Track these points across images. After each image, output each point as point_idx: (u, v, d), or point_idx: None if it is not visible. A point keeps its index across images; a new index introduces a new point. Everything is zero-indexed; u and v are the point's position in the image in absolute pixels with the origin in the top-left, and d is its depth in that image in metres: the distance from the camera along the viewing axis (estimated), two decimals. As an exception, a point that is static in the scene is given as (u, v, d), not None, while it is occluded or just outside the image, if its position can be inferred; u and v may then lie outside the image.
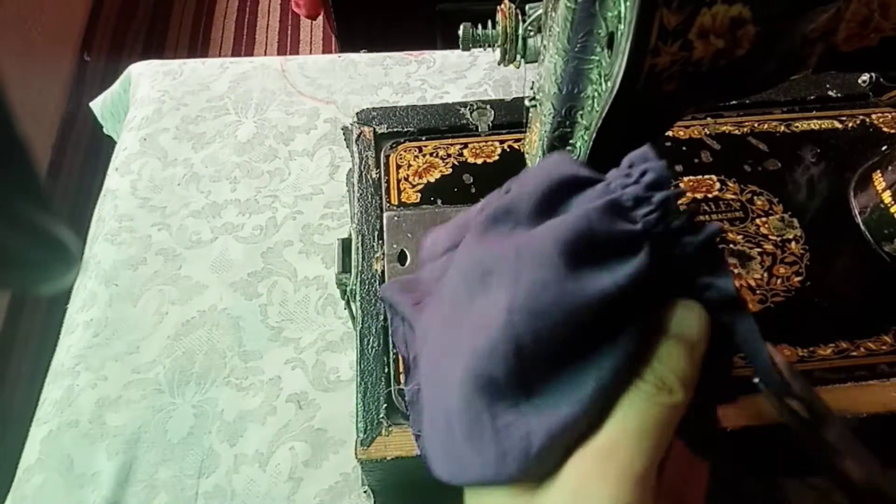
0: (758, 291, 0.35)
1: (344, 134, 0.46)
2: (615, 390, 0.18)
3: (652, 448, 0.17)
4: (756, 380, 0.20)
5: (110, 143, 0.59)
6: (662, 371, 0.18)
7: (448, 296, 0.21)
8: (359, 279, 0.36)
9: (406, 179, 0.40)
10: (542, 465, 0.17)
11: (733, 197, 0.39)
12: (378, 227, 0.38)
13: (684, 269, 0.19)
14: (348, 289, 0.38)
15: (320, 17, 1.24)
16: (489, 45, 0.30)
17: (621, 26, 0.20)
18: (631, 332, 0.18)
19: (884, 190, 0.36)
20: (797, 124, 0.42)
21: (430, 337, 0.21)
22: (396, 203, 0.39)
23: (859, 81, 0.42)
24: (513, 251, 0.18)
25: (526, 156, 0.33)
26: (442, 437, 0.19)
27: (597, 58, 0.22)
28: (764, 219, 0.38)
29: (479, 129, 0.43)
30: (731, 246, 0.37)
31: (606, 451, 0.17)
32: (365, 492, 0.37)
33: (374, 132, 0.42)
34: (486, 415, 0.17)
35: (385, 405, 0.32)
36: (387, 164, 0.41)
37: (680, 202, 0.36)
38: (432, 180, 0.40)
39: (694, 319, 0.19)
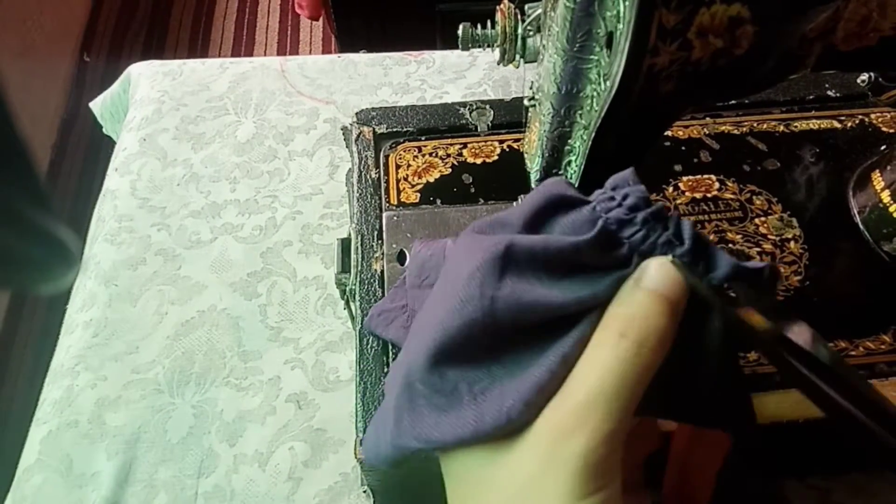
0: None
1: (343, 134, 0.46)
2: (580, 353, 0.18)
3: (624, 407, 0.17)
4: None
5: (110, 144, 0.59)
6: (644, 329, 0.17)
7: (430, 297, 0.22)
8: (358, 279, 0.36)
9: (405, 179, 0.40)
10: (517, 422, 0.18)
11: (732, 196, 0.39)
12: (377, 227, 0.38)
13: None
14: (348, 289, 0.38)
15: (320, 18, 1.24)
16: (488, 45, 0.30)
17: (620, 26, 0.20)
18: (597, 311, 0.19)
19: (883, 189, 0.36)
20: (796, 124, 0.42)
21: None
22: (396, 203, 0.39)
23: (858, 81, 0.42)
24: (502, 245, 0.19)
25: (525, 155, 0.33)
26: (410, 412, 0.19)
27: (596, 57, 0.22)
28: (763, 218, 0.38)
29: (479, 129, 0.43)
30: (731, 245, 0.37)
31: (580, 408, 0.17)
32: (364, 492, 0.37)
33: (374, 132, 0.42)
34: (462, 383, 0.18)
35: (384, 405, 0.32)
36: (386, 164, 0.41)
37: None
38: (432, 180, 0.40)
39: (673, 276, 0.18)
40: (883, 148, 0.40)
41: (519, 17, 0.28)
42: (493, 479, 0.18)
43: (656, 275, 0.18)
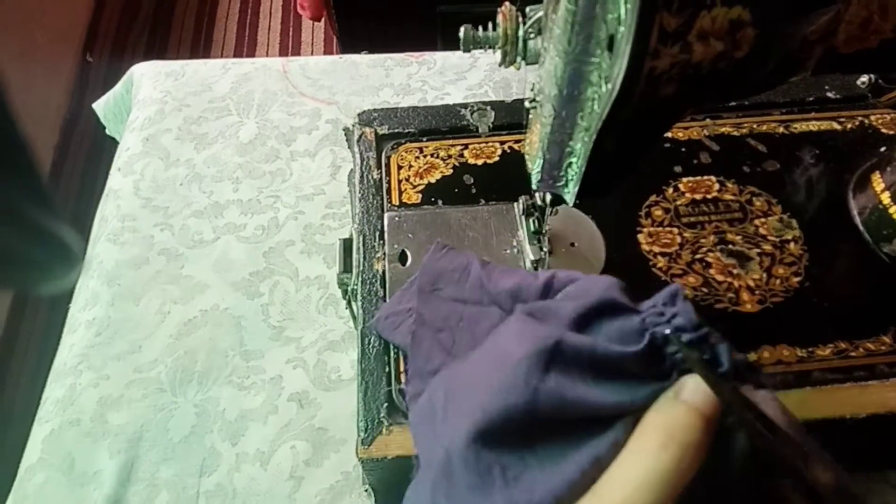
0: (757, 292, 0.35)
1: (345, 135, 0.46)
2: (614, 454, 0.19)
3: None
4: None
5: (113, 144, 0.59)
6: (682, 443, 0.18)
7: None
8: (360, 279, 0.36)
9: (407, 180, 0.41)
10: None
11: (732, 198, 0.39)
12: (379, 227, 0.38)
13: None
14: (349, 288, 0.38)
15: (322, 19, 1.24)
16: (490, 47, 0.30)
17: (621, 28, 0.20)
18: (634, 418, 0.19)
19: (882, 191, 0.36)
20: (796, 125, 0.42)
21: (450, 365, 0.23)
22: (397, 203, 0.39)
23: (858, 83, 0.42)
24: (552, 340, 0.19)
25: (526, 157, 0.33)
26: (448, 486, 0.20)
27: (597, 60, 0.22)
28: (763, 219, 0.38)
29: (480, 131, 0.43)
30: (731, 247, 0.37)
31: None
32: (366, 490, 0.37)
33: (376, 133, 0.43)
34: (496, 466, 0.19)
35: (386, 404, 0.32)
36: (388, 165, 0.41)
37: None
38: (433, 181, 0.40)
39: (710, 393, 0.19)
40: (883, 149, 0.40)
41: (520, 19, 0.28)
42: None
43: (696, 390, 0.19)
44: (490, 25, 0.30)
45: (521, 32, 0.28)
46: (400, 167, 0.41)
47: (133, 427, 0.41)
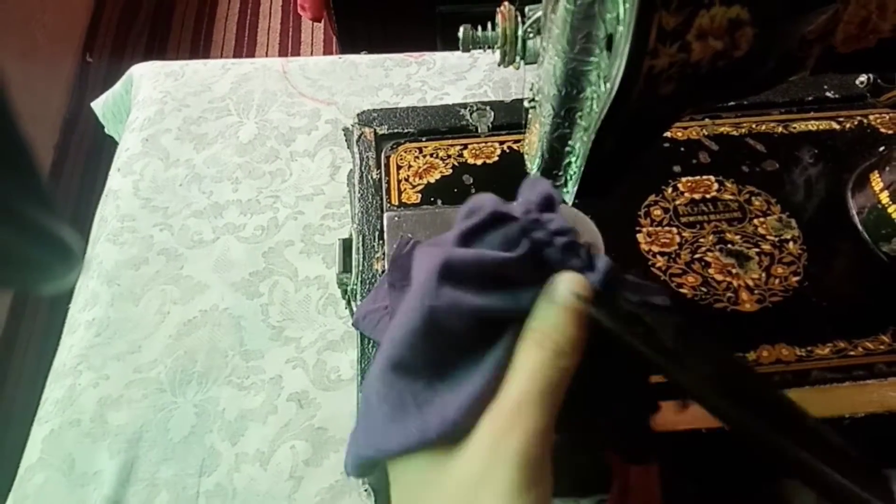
0: (756, 291, 0.35)
1: (345, 135, 0.46)
2: (508, 364, 0.21)
3: (550, 406, 0.19)
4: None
5: (112, 144, 0.59)
6: (558, 338, 0.20)
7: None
8: (360, 279, 0.36)
9: (406, 180, 0.41)
10: (458, 430, 0.20)
11: (731, 197, 0.39)
12: (379, 227, 0.38)
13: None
14: (349, 288, 0.38)
15: (322, 19, 1.24)
16: (489, 47, 0.30)
17: (620, 28, 0.20)
18: (519, 323, 0.21)
19: (881, 190, 0.36)
20: (795, 125, 0.42)
21: None
22: (397, 203, 0.39)
23: (857, 82, 0.42)
24: (440, 259, 0.21)
25: (525, 156, 0.33)
26: (366, 420, 0.21)
27: (596, 59, 0.22)
28: (762, 219, 0.38)
29: (479, 131, 0.43)
30: (730, 246, 0.37)
31: (514, 410, 0.19)
32: (365, 490, 0.37)
33: (375, 133, 0.43)
34: (407, 394, 0.20)
35: (385, 404, 0.32)
36: (387, 165, 0.41)
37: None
38: (432, 181, 0.40)
39: (579, 289, 0.21)
40: (881, 149, 0.40)
41: (519, 19, 0.29)
42: (437, 482, 0.20)
43: (564, 291, 0.21)
44: (489, 25, 0.30)
45: (520, 32, 0.28)
46: (399, 167, 0.41)
47: (133, 427, 0.41)
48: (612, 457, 0.26)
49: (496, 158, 0.41)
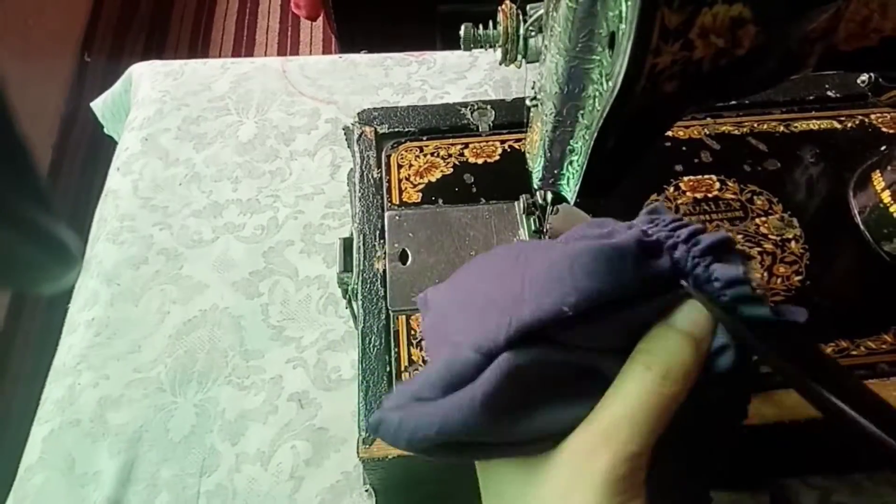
0: (758, 291, 0.35)
1: (345, 134, 0.46)
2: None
3: (648, 432, 0.18)
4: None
5: (111, 144, 0.59)
6: (668, 362, 0.19)
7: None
8: (360, 278, 0.36)
9: (407, 179, 0.40)
10: (546, 440, 0.19)
11: (733, 197, 0.39)
12: (379, 226, 0.38)
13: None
14: (350, 288, 0.38)
15: (320, 18, 1.24)
16: (490, 46, 0.30)
17: (622, 26, 0.20)
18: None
19: (883, 189, 0.36)
20: (796, 124, 0.42)
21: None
22: (398, 203, 0.39)
23: (858, 81, 0.42)
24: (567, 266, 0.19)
25: (527, 155, 0.33)
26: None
27: (598, 57, 0.22)
28: (764, 218, 0.38)
29: (480, 129, 0.43)
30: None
31: (606, 430, 0.18)
32: (366, 490, 0.37)
33: (376, 132, 0.42)
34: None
35: (386, 404, 0.32)
36: (388, 164, 0.41)
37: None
38: (433, 180, 0.40)
39: (701, 317, 0.20)
40: (883, 148, 0.40)
41: (521, 17, 0.28)
42: (526, 496, 0.19)
43: (683, 314, 0.20)
44: (491, 24, 0.30)
45: (521, 31, 0.28)
46: (400, 166, 0.41)
47: (133, 427, 0.41)
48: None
49: (497, 157, 0.41)
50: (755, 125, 0.42)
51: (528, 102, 0.30)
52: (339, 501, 0.38)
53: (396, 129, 0.43)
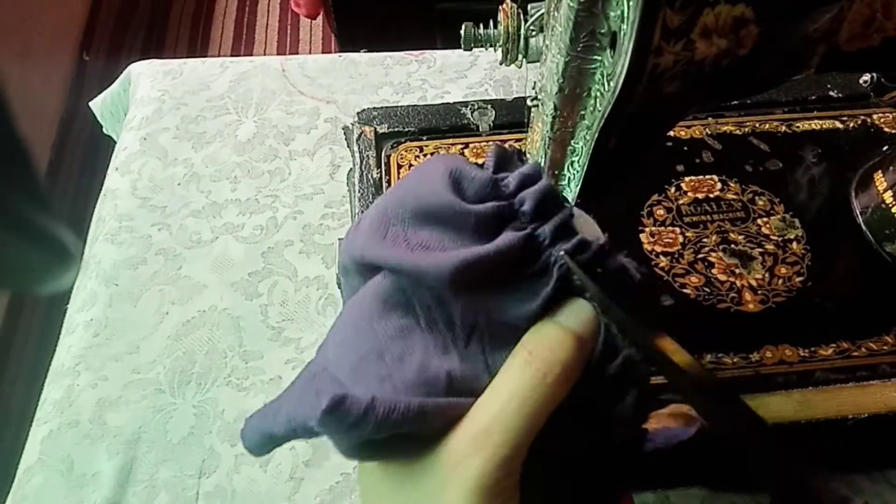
0: (759, 292, 0.35)
1: (345, 134, 0.46)
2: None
3: (523, 433, 0.17)
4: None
5: (110, 143, 0.59)
6: (549, 359, 0.18)
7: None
8: (360, 279, 0.36)
9: (407, 179, 0.40)
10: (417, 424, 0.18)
11: (734, 197, 0.39)
12: (379, 226, 0.38)
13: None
14: (349, 289, 0.37)
15: (320, 17, 1.24)
16: (491, 45, 0.30)
17: (624, 26, 0.20)
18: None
19: (885, 190, 0.36)
20: (798, 124, 0.42)
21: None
22: (397, 203, 0.39)
23: (860, 82, 0.42)
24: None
25: (528, 155, 0.33)
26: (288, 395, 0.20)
27: (599, 58, 0.22)
28: (765, 219, 0.38)
29: (480, 129, 0.43)
30: (733, 246, 0.37)
31: (478, 433, 0.18)
32: (366, 492, 0.37)
33: (375, 132, 0.42)
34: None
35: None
36: (388, 164, 0.41)
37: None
38: (433, 180, 0.40)
39: (587, 315, 0.19)
40: (885, 148, 0.40)
41: (521, 16, 0.28)
42: (400, 495, 0.19)
43: (570, 312, 0.19)
44: (491, 23, 0.29)
45: (522, 30, 0.28)
46: (400, 166, 0.41)
47: (132, 428, 0.41)
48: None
49: (497, 157, 0.41)
50: (757, 125, 0.42)
51: (528, 102, 0.30)
52: (339, 502, 0.38)
53: (396, 129, 0.42)
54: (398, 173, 0.41)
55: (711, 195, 0.39)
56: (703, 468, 0.32)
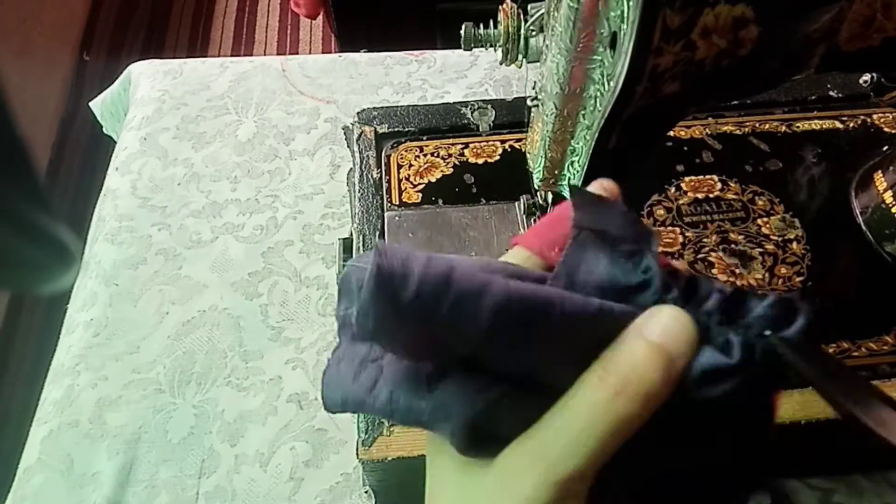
0: (759, 291, 0.35)
1: (345, 133, 0.46)
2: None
3: (588, 454, 0.15)
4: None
5: (110, 143, 0.59)
6: (628, 377, 0.16)
7: None
8: (360, 279, 0.36)
9: (407, 179, 0.40)
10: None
11: (734, 197, 0.39)
12: (379, 226, 0.38)
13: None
14: (349, 289, 0.37)
15: (320, 17, 1.23)
16: (491, 45, 0.30)
17: (624, 26, 0.20)
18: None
19: (885, 190, 0.36)
20: (798, 124, 0.42)
21: None
22: (397, 203, 0.39)
23: (860, 82, 0.42)
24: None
25: (528, 155, 0.33)
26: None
27: (599, 58, 0.22)
28: (765, 219, 0.38)
29: (480, 129, 0.43)
30: (733, 246, 0.37)
31: (536, 448, 0.16)
32: (366, 492, 0.37)
33: (375, 132, 0.42)
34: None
35: (386, 405, 0.32)
36: (388, 164, 0.41)
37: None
38: (433, 180, 0.40)
39: (680, 328, 0.16)
40: (885, 148, 0.40)
41: (522, 16, 0.28)
42: (465, 486, 0.18)
43: (660, 324, 0.16)
44: (491, 23, 0.29)
45: (522, 30, 0.28)
46: (400, 166, 0.41)
47: (132, 428, 0.41)
48: None
49: (497, 157, 0.41)
50: (757, 125, 0.42)
51: (528, 102, 0.30)
52: (339, 503, 0.38)
53: (396, 129, 0.42)
54: (398, 173, 0.41)
55: (711, 195, 0.39)
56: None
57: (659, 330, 0.16)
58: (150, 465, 0.39)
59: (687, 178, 0.39)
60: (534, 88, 0.30)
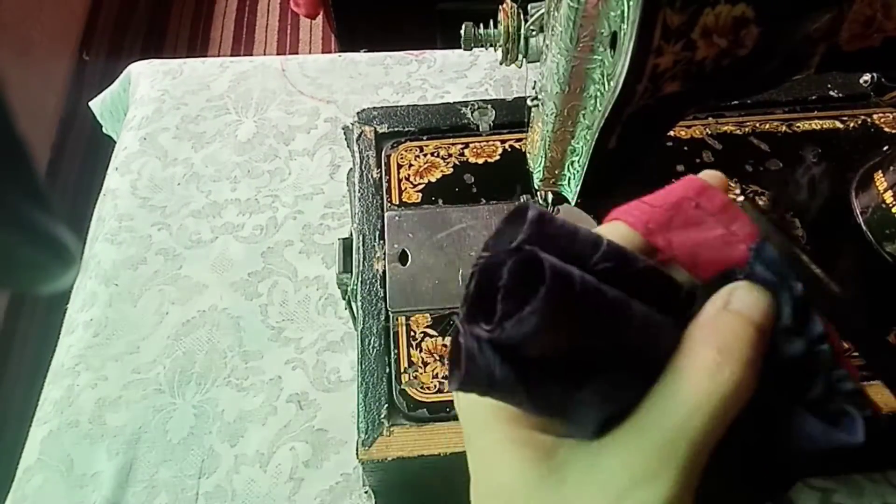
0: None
1: (345, 133, 0.45)
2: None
3: (709, 447, 0.15)
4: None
5: (110, 143, 0.59)
6: (741, 359, 0.15)
7: None
8: (360, 279, 0.36)
9: (407, 179, 0.40)
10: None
11: (734, 197, 0.39)
12: (379, 226, 0.38)
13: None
14: (349, 289, 0.37)
15: (320, 17, 1.24)
16: (491, 45, 0.30)
17: (624, 26, 0.20)
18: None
19: (885, 190, 0.36)
20: (798, 124, 0.42)
21: None
22: (397, 203, 0.39)
23: (860, 81, 0.42)
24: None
25: (528, 155, 0.33)
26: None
27: (599, 57, 0.22)
28: (765, 219, 0.37)
29: (481, 129, 0.43)
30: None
31: (667, 444, 0.15)
32: (366, 492, 0.37)
33: (375, 132, 0.42)
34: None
35: (386, 405, 0.32)
36: (388, 164, 0.41)
37: None
38: (433, 180, 0.40)
39: (763, 299, 0.16)
40: (885, 148, 0.40)
41: (522, 16, 0.28)
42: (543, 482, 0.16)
43: (747, 299, 0.16)
44: (491, 23, 0.29)
45: (522, 30, 0.28)
46: (400, 166, 0.41)
47: (131, 428, 0.41)
48: None
49: (498, 157, 0.41)
50: (757, 125, 0.42)
51: (529, 102, 0.30)
52: (339, 503, 0.38)
53: (396, 129, 0.42)
54: (398, 173, 0.41)
55: (711, 195, 0.39)
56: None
57: (745, 304, 0.16)
58: (149, 466, 0.39)
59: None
60: (534, 88, 0.30)
